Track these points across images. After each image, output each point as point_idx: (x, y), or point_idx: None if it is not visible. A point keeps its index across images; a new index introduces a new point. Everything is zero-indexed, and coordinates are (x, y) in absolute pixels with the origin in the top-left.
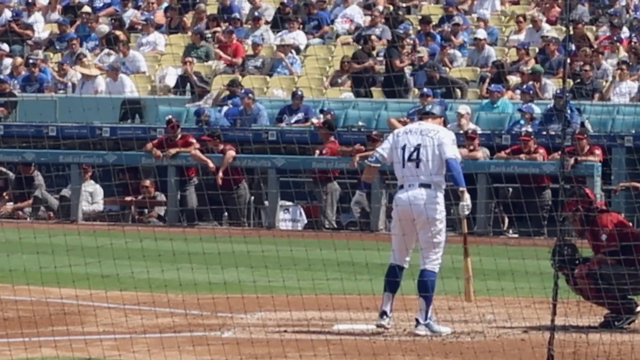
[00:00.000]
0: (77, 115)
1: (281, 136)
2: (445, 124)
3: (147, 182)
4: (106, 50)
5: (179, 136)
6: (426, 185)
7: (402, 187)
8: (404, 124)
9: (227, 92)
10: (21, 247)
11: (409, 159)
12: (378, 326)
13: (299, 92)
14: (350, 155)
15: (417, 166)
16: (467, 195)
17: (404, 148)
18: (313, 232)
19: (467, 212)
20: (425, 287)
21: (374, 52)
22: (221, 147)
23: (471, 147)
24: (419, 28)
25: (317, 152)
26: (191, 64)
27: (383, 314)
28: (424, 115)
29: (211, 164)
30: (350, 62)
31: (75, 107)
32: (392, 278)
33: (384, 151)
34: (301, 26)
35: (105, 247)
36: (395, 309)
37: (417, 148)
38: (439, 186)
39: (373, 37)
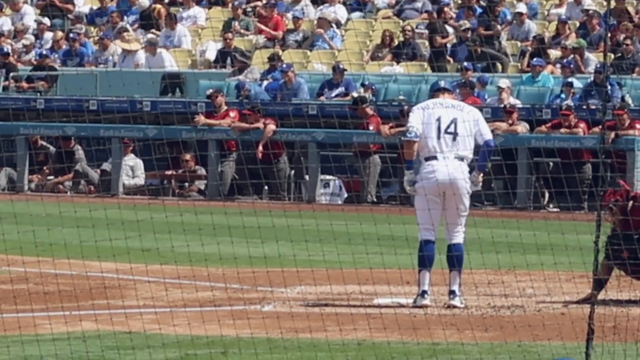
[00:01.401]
0: (118, 89)
1: (321, 110)
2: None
3: (188, 156)
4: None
5: (224, 109)
6: (461, 159)
7: (434, 158)
8: None
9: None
10: (62, 221)
11: (446, 132)
12: (420, 306)
13: (340, 66)
14: None
15: (454, 139)
16: (480, 178)
17: (439, 119)
18: (353, 206)
19: (476, 187)
20: (459, 260)
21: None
22: (261, 121)
23: (510, 121)
24: (460, 1)
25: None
26: (231, 39)
27: (424, 293)
28: (439, 90)
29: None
30: (392, 36)
31: (115, 82)
32: (428, 252)
33: (418, 124)
34: (342, 0)
35: (145, 221)
36: (435, 283)
37: (454, 121)
38: (469, 160)
39: (446, 8)
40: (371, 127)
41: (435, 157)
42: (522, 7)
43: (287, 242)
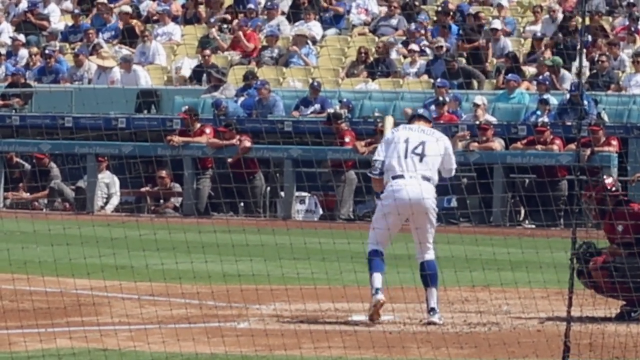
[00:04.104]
0: (93, 106)
1: (296, 127)
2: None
3: (163, 173)
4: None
5: (197, 126)
6: (427, 179)
7: (401, 176)
8: None
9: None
10: (36, 238)
11: (413, 152)
12: (377, 303)
13: (316, 83)
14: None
15: (421, 160)
16: None
17: (406, 141)
18: (326, 224)
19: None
20: (434, 277)
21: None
22: (236, 137)
23: (484, 138)
24: (435, 19)
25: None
26: (209, 56)
27: (377, 290)
28: (414, 117)
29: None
30: (368, 53)
31: (90, 99)
32: (375, 257)
33: (381, 157)
34: (318, 17)
35: (119, 238)
36: (410, 300)
37: (422, 144)
38: (435, 182)
39: (481, 14)
40: (347, 140)
41: (402, 176)
42: (497, 24)
43: (261, 260)
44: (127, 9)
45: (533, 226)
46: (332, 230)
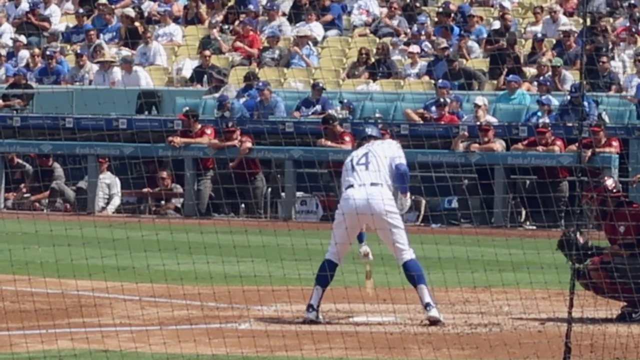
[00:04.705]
0: (94, 107)
1: (297, 128)
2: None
3: (164, 174)
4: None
5: (198, 127)
6: (376, 184)
7: (351, 186)
8: (421, 115)
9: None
10: (38, 239)
11: (358, 163)
12: (305, 320)
13: (319, 84)
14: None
15: (367, 168)
16: (408, 201)
17: (351, 159)
18: (328, 224)
19: (404, 211)
20: (418, 276)
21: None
22: (238, 138)
23: (485, 139)
24: (436, 20)
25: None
26: (209, 57)
27: (309, 307)
28: (364, 139)
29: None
30: (369, 54)
31: (91, 100)
32: (324, 272)
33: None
34: (318, 18)
35: (121, 239)
36: (411, 301)
37: (365, 155)
38: (388, 185)
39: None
40: (347, 140)
41: (352, 186)
42: (498, 25)
43: (263, 260)
44: (129, 11)
45: (534, 227)
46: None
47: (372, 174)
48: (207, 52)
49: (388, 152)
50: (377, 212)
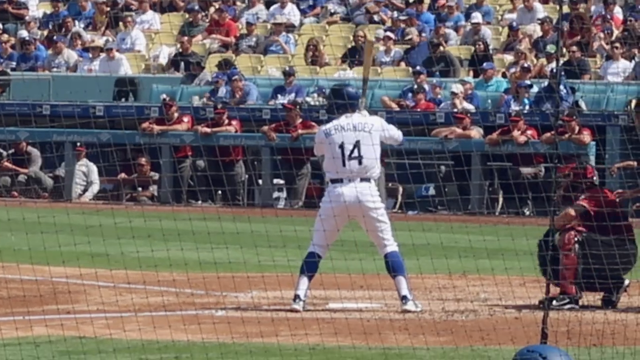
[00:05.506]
0: (70, 94)
1: (274, 116)
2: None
3: (143, 160)
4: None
5: (176, 115)
6: (367, 180)
7: (340, 181)
8: (397, 103)
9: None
10: (10, 226)
11: (350, 157)
12: (291, 310)
13: (290, 70)
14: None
15: (360, 163)
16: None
17: (342, 146)
18: (301, 212)
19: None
20: (399, 266)
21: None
22: (226, 121)
23: (461, 127)
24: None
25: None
26: (186, 41)
27: (296, 297)
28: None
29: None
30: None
31: (68, 87)
32: (311, 259)
33: (318, 154)
34: (295, 4)
35: (94, 226)
36: (387, 288)
37: (357, 145)
38: (375, 176)
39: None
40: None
41: (341, 181)
42: (478, 17)
43: (237, 247)
44: None
45: (509, 215)
46: (307, 218)
47: (364, 170)
48: (185, 38)
49: (377, 139)
50: (365, 209)
